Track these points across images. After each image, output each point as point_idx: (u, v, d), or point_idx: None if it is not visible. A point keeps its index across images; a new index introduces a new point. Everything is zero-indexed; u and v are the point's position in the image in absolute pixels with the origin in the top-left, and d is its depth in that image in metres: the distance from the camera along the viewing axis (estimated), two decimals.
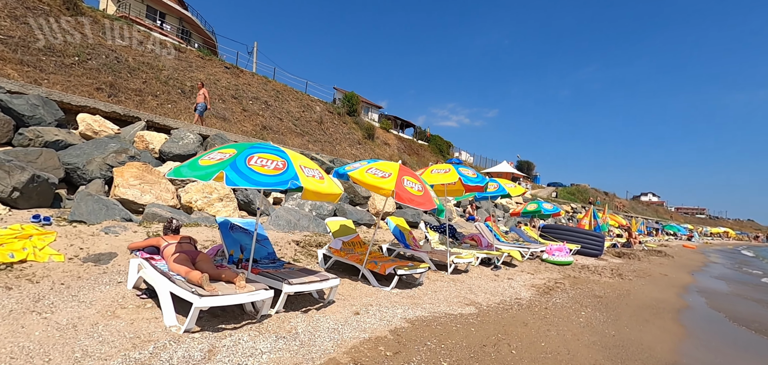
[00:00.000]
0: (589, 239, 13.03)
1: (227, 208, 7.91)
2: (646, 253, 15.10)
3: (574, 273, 8.77)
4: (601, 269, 9.97)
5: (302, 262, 6.11)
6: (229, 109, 17.80)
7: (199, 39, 32.64)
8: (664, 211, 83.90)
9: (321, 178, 3.77)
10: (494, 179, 8.18)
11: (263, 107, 20.28)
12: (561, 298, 6.11)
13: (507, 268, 8.36)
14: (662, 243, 26.44)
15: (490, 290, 6.04)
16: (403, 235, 7.65)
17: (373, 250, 6.55)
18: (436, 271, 6.89)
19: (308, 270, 4.29)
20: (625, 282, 8.38)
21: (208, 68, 19.57)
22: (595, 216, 14.83)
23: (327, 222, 6.28)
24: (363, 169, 4.91)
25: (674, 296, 7.55)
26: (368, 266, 5.42)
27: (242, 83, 20.85)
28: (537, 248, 10.41)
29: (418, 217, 13.03)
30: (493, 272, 7.67)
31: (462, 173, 6.28)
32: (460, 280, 6.46)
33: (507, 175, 44.31)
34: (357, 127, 27.40)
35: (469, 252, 8.16)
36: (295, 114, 22.24)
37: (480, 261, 8.21)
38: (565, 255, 10.17)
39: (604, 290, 7.21)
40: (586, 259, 11.94)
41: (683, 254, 19.54)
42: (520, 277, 7.49)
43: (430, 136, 38.35)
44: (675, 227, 38.96)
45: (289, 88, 24.66)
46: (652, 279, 9.52)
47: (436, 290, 5.58)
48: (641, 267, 11.39)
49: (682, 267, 13.47)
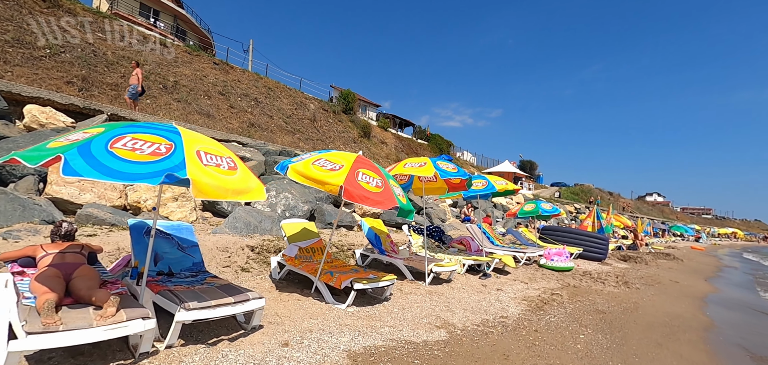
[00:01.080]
0: (592, 241, 11.97)
1: (183, 209, 7.01)
2: (653, 256, 13.99)
3: (574, 282, 7.75)
4: (604, 276, 8.92)
5: (253, 272, 5.18)
6: (214, 106, 16.95)
7: (194, 37, 31.95)
8: (669, 212, 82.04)
9: (231, 169, 2.82)
10: (483, 176, 7.23)
11: (253, 104, 19.42)
12: (556, 315, 5.10)
13: (498, 276, 7.36)
14: (669, 244, 25.18)
15: (472, 305, 5.05)
16: (379, 239, 6.69)
17: (338, 258, 5.59)
18: (413, 282, 5.92)
19: (230, 288, 3.34)
20: (632, 293, 7.34)
21: (195, 64, 18.75)
22: (599, 216, 13.74)
23: (282, 225, 5.33)
24: (309, 161, 3.95)
25: (692, 310, 6.50)
26: (323, 278, 4.47)
27: (231, 80, 20.01)
28: (534, 252, 9.39)
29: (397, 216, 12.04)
30: (481, 281, 6.68)
31: (439, 167, 5.32)
32: (439, 292, 5.48)
33: (508, 175, 43.17)
34: (353, 126, 26.48)
35: (455, 258, 7.18)
36: (286, 111, 21.37)
37: (467, 268, 7.23)
38: (565, 260, 9.14)
39: (608, 303, 6.18)
40: (589, 264, 10.88)
41: (692, 257, 18.34)
42: (511, 287, 6.49)
43: (429, 135, 37.31)
44: (682, 228, 37.55)
45: (282, 85, 23.81)
46: (663, 287, 8.46)
47: (406, 306, 4.62)
48: (649, 273, 10.31)
49: (694, 272, 12.35)
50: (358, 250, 6.81)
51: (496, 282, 6.72)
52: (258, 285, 4.71)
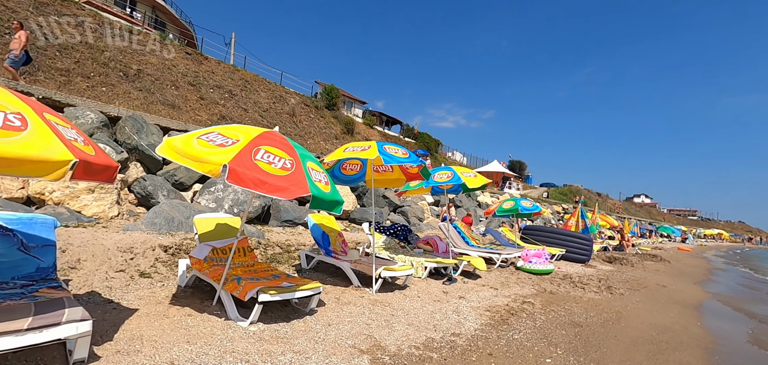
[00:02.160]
0: (576, 242, 11.16)
1: (102, 202, 5.99)
2: (639, 258, 13.25)
3: (551, 287, 6.88)
4: (586, 279, 8.08)
5: (155, 277, 4.20)
6: (182, 97, 15.84)
7: (174, 29, 30.66)
8: (656, 213, 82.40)
9: None
10: (449, 167, 6.33)
11: (226, 97, 18.33)
12: (523, 330, 4.21)
13: (466, 281, 6.46)
14: (656, 245, 24.62)
15: (420, 318, 4.13)
16: (326, 238, 5.74)
17: (260, 262, 4.62)
18: (359, 289, 4.99)
19: (50, 306, 2.36)
20: (615, 300, 6.49)
21: (164, 53, 17.61)
22: (583, 216, 12.95)
23: (194, 221, 4.35)
24: (194, 135, 2.99)
25: (683, 321, 5.65)
26: (228, 286, 3.50)
27: (204, 71, 18.90)
28: (512, 253, 8.53)
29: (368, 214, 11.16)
30: (444, 287, 5.78)
31: (385, 151, 4.40)
32: (386, 302, 4.56)
33: (497, 175, 42.48)
34: (336, 122, 25.49)
35: (417, 260, 6.27)
36: (264, 105, 20.30)
37: (430, 271, 6.32)
38: (544, 262, 8.29)
39: (586, 313, 5.31)
40: (571, 266, 10.06)
41: (680, 258, 17.69)
42: (476, 295, 5.58)
43: (417, 134, 36.41)
44: (669, 229, 37.22)
45: (261, 78, 22.73)
46: (649, 292, 7.64)
47: (334, 322, 3.68)
48: (635, 276, 9.51)
49: (682, 275, 11.60)
50: (303, 251, 5.86)
51: (461, 289, 5.81)
52: (150, 295, 3.73)
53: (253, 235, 6.14)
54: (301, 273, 5.46)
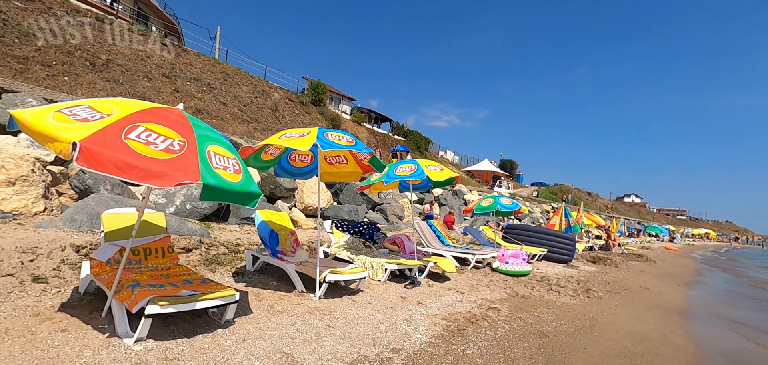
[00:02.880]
0: (558, 242, 10.68)
1: (24, 197, 5.33)
2: (624, 258, 12.84)
3: (525, 290, 6.36)
4: (565, 281, 7.58)
5: (52, 283, 3.57)
6: (154, 89, 15.10)
7: (158, 22, 29.76)
8: (646, 212, 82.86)
9: None
10: (413, 160, 5.76)
11: (204, 90, 17.62)
12: (480, 343, 3.66)
13: (433, 283, 5.92)
14: (643, 245, 24.35)
15: (360, 331, 3.57)
16: (275, 236, 5.15)
17: (181, 266, 4.02)
18: (302, 294, 4.41)
19: None
20: (591, 303, 5.98)
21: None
22: (567, 214, 12.49)
23: (102, 217, 3.73)
24: (51, 109, 2.38)
25: (664, 327, 5.15)
26: (121, 295, 2.91)
27: (182, 63, 18.16)
28: (488, 254, 8.00)
29: (342, 212, 10.61)
30: (403, 291, 5.23)
31: (325, 138, 3.81)
32: (328, 310, 3.98)
33: (487, 174, 42.14)
34: (322, 118, 24.85)
35: (377, 261, 5.71)
36: (244, 99, 19.60)
37: (392, 273, 5.77)
38: (521, 263, 7.78)
39: (557, 320, 4.79)
40: (552, 267, 9.57)
41: (666, 258, 17.35)
42: (438, 300, 5.03)
43: (407, 132, 35.85)
44: (657, 228, 37.12)
45: (243, 71, 22.01)
46: (630, 295, 7.16)
47: (250, 336, 3.10)
48: (617, 278, 9.05)
49: (667, 276, 11.18)
50: (250, 251, 5.26)
51: (422, 293, 5.26)
52: (31, 306, 3.12)
53: (196, 234, 5.53)
54: (243, 276, 4.87)
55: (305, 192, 10.90)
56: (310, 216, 10.96)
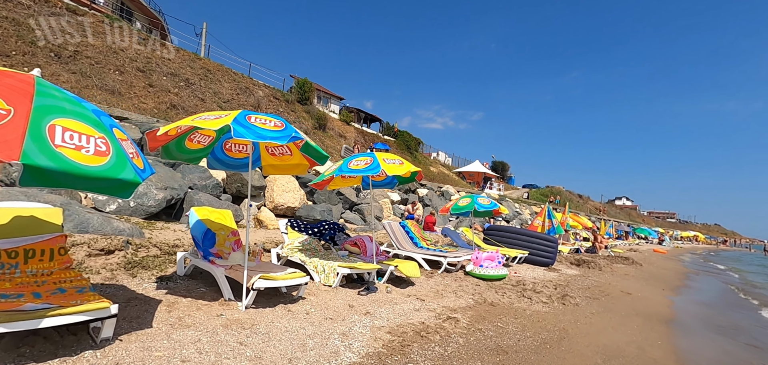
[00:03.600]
0: (540, 244, 10.18)
1: None
2: (609, 261, 12.38)
3: (496, 296, 5.81)
4: (541, 286, 7.06)
5: None
6: (126, 83, 14.41)
7: (143, 18, 29.00)
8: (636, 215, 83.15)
9: None
10: (370, 153, 5.16)
11: (182, 85, 16.93)
12: (423, 363, 3.10)
13: (395, 289, 5.35)
14: (632, 247, 24.00)
15: (278, 350, 2.99)
16: (210, 237, 4.56)
17: (73, 270, 3.40)
18: (227, 303, 3.82)
19: None
20: (565, 311, 5.45)
21: (112, 35, 16.13)
22: (550, 215, 12.00)
23: None
24: None
25: (642, 339, 4.62)
26: None
27: (159, 57, 17.46)
28: (460, 256, 7.46)
29: (315, 212, 10.03)
30: (353, 298, 4.66)
31: (247, 122, 3.20)
32: (250, 323, 3.40)
33: (478, 175, 41.72)
34: (308, 116, 24.23)
35: (329, 264, 5.13)
36: (225, 96, 18.93)
37: (352, 277, 5.20)
38: (497, 266, 7.24)
39: (521, 332, 4.24)
40: (532, 270, 9.05)
41: (653, 261, 16.96)
42: (392, 309, 4.47)
43: (397, 132, 35.29)
44: (646, 230, 36.93)
45: (225, 68, 21.34)
46: (610, 302, 6.65)
47: (131, 358, 2.50)
48: (599, 282, 8.54)
49: (652, 279, 10.72)
50: (181, 253, 4.66)
51: (375, 301, 4.69)
52: None
53: (123, 234, 4.92)
54: (169, 281, 4.26)
55: (276, 190, 10.30)
56: (280, 215, 10.36)
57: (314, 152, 3.89)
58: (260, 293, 4.09)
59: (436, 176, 33.26)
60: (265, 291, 4.15)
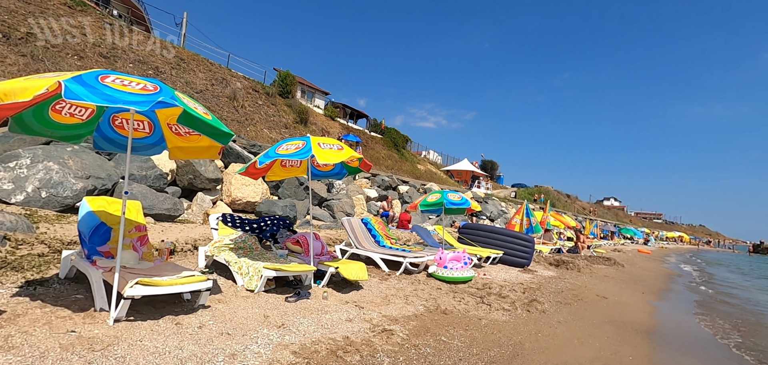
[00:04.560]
0: (515, 244, 9.53)
1: None
2: (588, 262, 11.80)
3: (452, 303, 5.11)
4: (509, 289, 6.38)
5: None
6: (85, 68, 13.43)
7: (122, 7, 27.77)
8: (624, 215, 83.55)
9: None
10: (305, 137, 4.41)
11: (149, 73, 15.98)
12: None
13: (336, 294, 4.62)
14: (616, 247, 23.61)
15: None
16: (103, 232, 3.78)
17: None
18: (91, 315, 3.06)
19: None
20: (528, 320, 4.77)
21: (74, 17, 15.13)
22: (528, 214, 11.38)
23: None
24: None
25: (610, 356, 3.96)
26: None
27: (126, 44, 16.48)
28: (421, 257, 6.76)
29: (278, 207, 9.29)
30: (288, 304, 3.93)
31: (96, 82, 2.45)
32: (111, 340, 2.64)
33: (466, 174, 41.17)
34: (289, 110, 23.38)
35: (254, 266, 4.38)
36: (198, 86, 18.01)
37: (284, 281, 4.45)
38: (463, 267, 6.56)
39: (467, 348, 3.54)
40: (506, 271, 8.40)
41: (637, 262, 16.48)
42: (316, 319, 3.73)
43: (384, 129, 34.54)
44: (631, 230, 36.75)
45: (201, 58, 20.40)
46: (583, 308, 6.00)
47: None
48: (575, 285, 7.91)
49: (633, 282, 10.15)
50: (68, 252, 3.87)
51: (303, 309, 3.95)
52: None
53: (3, 227, 4.11)
54: (43, 286, 3.48)
55: (234, 183, 9.51)
56: (237, 210, 9.56)
57: (204, 127, 3.13)
58: (147, 301, 3.33)
59: (423, 174, 32.58)
60: (153, 299, 3.39)
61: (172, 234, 5.65)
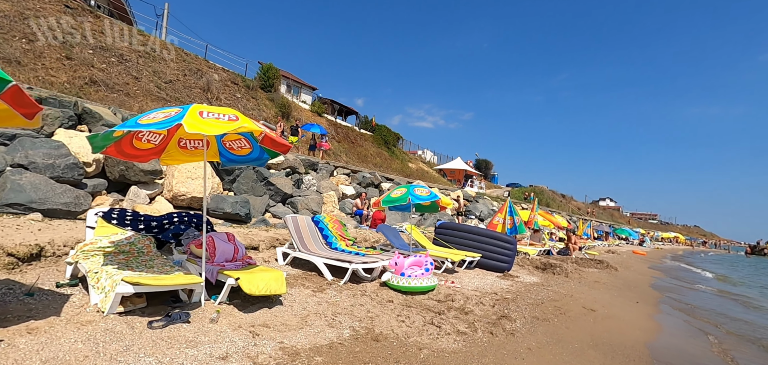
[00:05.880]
0: (495, 245, 8.40)
1: None
2: (578, 265, 10.67)
3: (391, 324, 3.96)
4: (476, 302, 5.24)
5: None
6: (34, 52, 12.26)
7: None
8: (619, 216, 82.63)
9: None
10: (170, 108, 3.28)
11: (113, 61, 14.79)
12: None
13: (234, 313, 3.48)
14: (610, 248, 22.51)
15: None
16: None
17: None
18: None
19: None
20: (489, 346, 3.63)
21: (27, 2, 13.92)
22: (512, 212, 10.25)
23: None
24: None
25: None
26: None
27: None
28: (374, 263, 5.62)
29: (227, 204, 8.10)
30: (152, 329, 2.77)
31: None
32: None
33: (459, 173, 40.05)
34: (271, 104, 22.21)
35: (115, 277, 3.22)
36: (168, 76, 16.82)
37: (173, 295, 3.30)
38: (423, 275, 5.42)
39: None
40: (482, 277, 7.27)
41: (631, 264, 15.37)
42: (180, 354, 2.59)
43: (375, 126, 33.35)
44: (626, 231, 35.69)
45: (174, 47, 19.19)
46: (563, 324, 4.86)
47: None
48: (559, 293, 6.77)
49: (627, 289, 9.01)
50: None
51: (163, 340, 2.80)
52: None
53: None
54: None
55: (177, 176, 8.34)
56: (181, 207, 8.40)
57: None
58: None
59: (414, 172, 31.43)
60: None
61: (49, 234, 4.49)
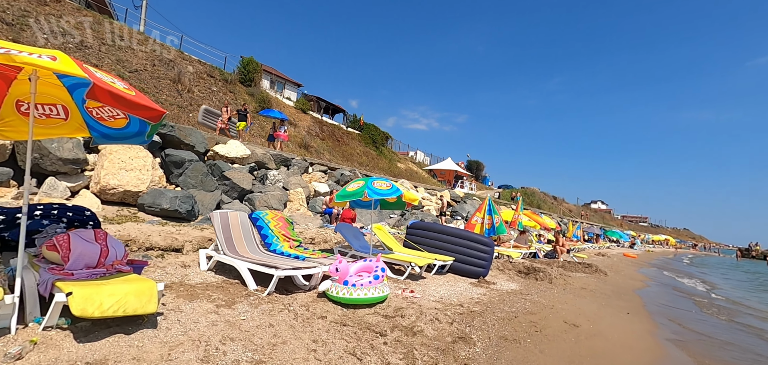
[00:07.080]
0: (470, 248, 7.41)
1: None
2: (566, 269, 9.72)
3: (296, 357, 2.94)
4: (431, 317, 4.22)
5: None
6: None
7: None
8: (610, 218, 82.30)
9: None
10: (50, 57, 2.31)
11: (70, 48, 13.62)
12: None
13: (73, 342, 2.42)
14: (600, 251, 21.65)
15: None
16: None
17: None
18: None
19: None
20: None
21: None
22: (491, 211, 9.29)
23: None
24: None
25: None
26: None
27: (47, 12, 14.13)
28: (314, 267, 4.59)
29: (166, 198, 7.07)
30: None
31: None
32: None
33: (449, 173, 39.15)
34: (251, 99, 21.10)
35: None
36: (135, 65, 15.67)
37: None
38: (373, 283, 4.40)
39: None
40: (453, 284, 6.26)
41: (621, 268, 14.46)
42: None
43: (363, 124, 32.33)
44: (617, 233, 34.97)
45: (144, 35, 18.05)
46: (538, 348, 3.85)
47: None
48: (538, 305, 5.78)
49: (617, 295, 8.05)
50: None
51: None
52: None
53: None
54: None
55: (107, 167, 7.24)
56: (112, 203, 7.32)
57: None
58: None
59: (402, 172, 30.43)
60: None
61: None
